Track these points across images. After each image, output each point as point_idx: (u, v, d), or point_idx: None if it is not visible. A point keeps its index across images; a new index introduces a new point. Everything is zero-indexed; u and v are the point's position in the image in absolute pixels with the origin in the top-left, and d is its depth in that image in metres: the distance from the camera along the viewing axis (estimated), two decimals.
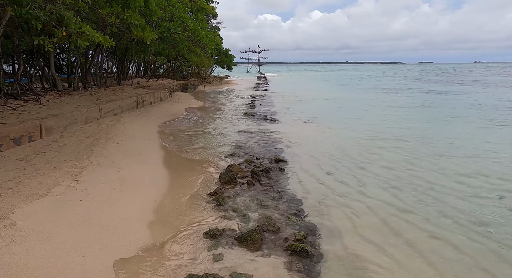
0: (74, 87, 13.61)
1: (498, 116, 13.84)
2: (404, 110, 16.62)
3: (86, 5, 7.48)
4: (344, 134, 10.52)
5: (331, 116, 14.89)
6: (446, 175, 6.59)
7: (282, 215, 4.78)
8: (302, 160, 7.65)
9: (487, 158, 7.74)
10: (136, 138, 8.80)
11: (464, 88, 29.87)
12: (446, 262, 3.69)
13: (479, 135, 10.37)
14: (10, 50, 11.30)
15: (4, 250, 3.35)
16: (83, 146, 7.23)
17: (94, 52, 14.96)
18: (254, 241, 3.90)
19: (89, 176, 5.58)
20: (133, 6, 8.97)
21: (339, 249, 3.93)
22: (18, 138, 6.67)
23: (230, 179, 5.95)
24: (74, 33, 6.84)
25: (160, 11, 11.36)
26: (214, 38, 19.96)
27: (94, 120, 9.85)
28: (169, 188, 5.61)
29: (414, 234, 4.31)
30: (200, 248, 3.84)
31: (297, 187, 5.94)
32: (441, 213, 4.90)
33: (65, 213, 4.27)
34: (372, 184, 6.12)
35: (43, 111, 8.65)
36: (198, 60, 20.44)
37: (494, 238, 4.21)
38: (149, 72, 27.70)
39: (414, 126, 12.06)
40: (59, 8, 6.70)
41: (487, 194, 5.61)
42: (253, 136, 10.15)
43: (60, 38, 6.98)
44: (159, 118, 12.45)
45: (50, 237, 3.70)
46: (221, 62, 37.11)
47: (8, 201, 4.35)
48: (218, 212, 4.83)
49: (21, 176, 5.20)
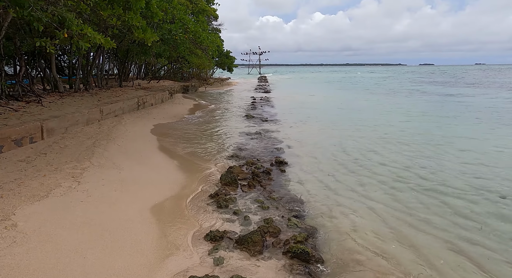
0: (75, 88, 13.64)
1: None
2: (406, 111, 16.61)
3: (87, 7, 7.51)
4: (345, 135, 10.52)
5: (332, 117, 14.89)
6: (448, 175, 6.58)
7: (282, 217, 4.78)
8: (303, 161, 7.65)
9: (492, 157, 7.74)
10: (137, 140, 8.81)
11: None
12: (448, 264, 3.68)
13: (485, 136, 10.36)
14: (12, 52, 11.35)
15: (5, 251, 3.35)
16: (84, 148, 7.25)
17: (96, 54, 15.01)
18: (255, 243, 3.89)
19: (90, 178, 5.58)
20: (135, 8, 9.00)
21: (340, 251, 3.93)
22: (19, 140, 6.68)
23: (231, 181, 5.95)
24: (76, 35, 6.86)
25: (161, 13, 11.40)
26: (215, 40, 20.01)
27: (95, 122, 9.87)
28: (169, 189, 5.61)
29: (415, 235, 4.30)
30: (200, 251, 3.83)
31: (297, 189, 5.94)
32: (443, 215, 4.88)
33: (66, 214, 4.27)
34: (373, 185, 6.11)
35: (44, 112, 8.67)
36: (199, 62, 20.49)
37: (496, 239, 4.20)
38: (150, 73, 27.77)
39: (416, 127, 12.05)
40: (60, 10, 6.72)
41: (489, 195, 5.60)
42: (254, 137, 10.15)
43: (62, 39, 7.01)
44: (160, 120, 12.46)
45: (51, 238, 3.70)
46: (222, 64, 37.20)
47: (9, 202, 4.36)
48: (218, 214, 4.83)
49: (22, 177, 5.21)
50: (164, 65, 28.37)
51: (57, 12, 6.69)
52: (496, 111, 15.89)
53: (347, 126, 12.26)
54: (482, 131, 11.34)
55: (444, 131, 11.36)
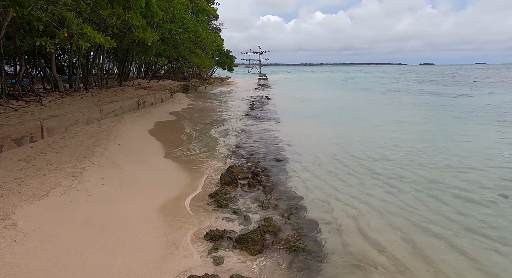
0: (76, 88, 13.64)
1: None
2: (406, 111, 16.61)
3: (87, 6, 7.50)
4: (344, 134, 10.52)
5: (332, 116, 14.89)
6: (450, 175, 6.57)
7: (282, 216, 4.78)
8: (303, 159, 7.65)
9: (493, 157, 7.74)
10: (137, 139, 8.81)
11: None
12: (448, 262, 3.68)
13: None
14: (12, 51, 11.36)
15: (5, 250, 3.35)
16: (84, 147, 7.25)
17: (96, 53, 15.01)
18: (255, 243, 3.89)
19: (90, 177, 5.58)
20: (135, 7, 8.98)
21: (340, 249, 3.93)
22: (19, 139, 6.68)
23: (231, 180, 5.95)
24: (76, 34, 6.85)
25: (162, 13, 11.37)
26: (215, 39, 19.99)
27: (95, 121, 9.87)
28: (169, 189, 5.61)
29: (416, 233, 4.30)
30: (200, 250, 3.84)
31: (297, 187, 5.94)
32: (443, 213, 4.88)
33: (66, 213, 4.28)
34: (374, 183, 6.11)
35: (45, 112, 8.67)
36: (199, 61, 20.48)
37: (498, 240, 4.20)
38: (150, 73, 27.76)
39: (418, 126, 12.05)
40: (60, 9, 6.72)
41: (492, 194, 5.59)
42: (254, 136, 10.15)
43: (62, 39, 7.00)
44: (161, 119, 12.46)
45: (51, 237, 3.71)
46: (222, 63, 37.16)
47: (10, 201, 4.36)
48: (218, 213, 4.83)
49: (22, 176, 5.22)
50: (164, 64, 28.37)
51: (57, 12, 6.68)
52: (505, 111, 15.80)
53: (348, 126, 12.26)
54: (486, 129, 11.33)
55: (447, 130, 11.36)
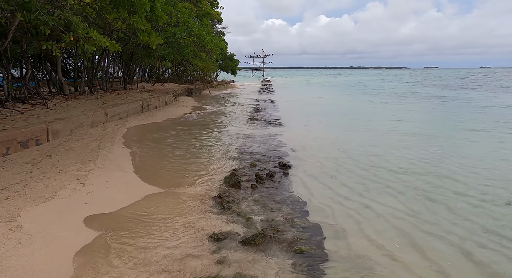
0: (81, 91, 13.76)
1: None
2: (409, 114, 16.55)
3: (93, 11, 7.59)
4: (349, 138, 10.49)
5: (336, 120, 14.87)
6: (453, 179, 6.53)
7: (286, 219, 4.77)
8: (307, 164, 7.64)
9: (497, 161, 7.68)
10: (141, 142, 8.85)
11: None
12: (452, 266, 3.65)
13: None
14: (18, 55, 11.48)
15: (10, 252, 3.38)
16: (89, 150, 7.29)
17: (101, 57, 15.14)
18: (258, 245, 3.89)
19: (95, 180, 5.62)
20: (140, 12, 9.07)
21: (343, 253, 3.91)
22: (25, 142, 6.74)
23: (235, 183, 5.96)
24: (82, 38, 6.93)
25: (166, 17, 11.48)
26: (219, 43, 20.11)
27: (100, 124, 9.94)
28: (174, 191, 5.62)
29: (419, 237, 4.27)
30: (204, 252, 3.84)
31: (301, 191, 5.93)
32: (446, 217, 4.85)
33: (70, 216, 4.30)
34: (377, 188, 6.09)
35: (50, 115, 8.75)
36: (203, 65, 20.59)
37: (501, 243, 4.16)
38: (154, 76, 27.92)
39: (420, 130, 11.99)
40: (67, 13, 6.80)
41: (496, 199, 5.55)
42: (258, 140, 10.16)
43: (68, 43, 7.09)
44: (164, 122, 12.51)
45: (56, 239, 3.73)
46: (226, 67, 37.32)
47: (15, 203, 4.40)
48: (222, 215, 4.83)
49: (27, 179, 5.26)
50: (168, 68, 28.50)
51: (64, 16, 6.77)
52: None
53: (352, 130, 12.21)
54: (492, 135, 11.25)
55: (452, 135, 11.29)
